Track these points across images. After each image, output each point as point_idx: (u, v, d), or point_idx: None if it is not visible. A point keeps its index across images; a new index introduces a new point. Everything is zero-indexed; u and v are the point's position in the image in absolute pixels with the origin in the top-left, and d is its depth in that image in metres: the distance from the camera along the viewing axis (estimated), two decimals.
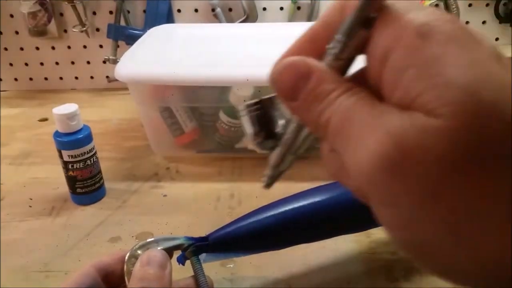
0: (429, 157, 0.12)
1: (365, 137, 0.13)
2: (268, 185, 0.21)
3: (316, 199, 0.32)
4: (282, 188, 0.49)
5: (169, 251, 0.27)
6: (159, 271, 0.24)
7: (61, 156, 0.43)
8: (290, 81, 0.16)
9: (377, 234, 0.40)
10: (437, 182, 0.12)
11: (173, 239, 0.27)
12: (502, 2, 0.68)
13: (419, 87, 0.13)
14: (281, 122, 0.20)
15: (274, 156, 0.20)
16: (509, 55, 0.66)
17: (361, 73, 0.16)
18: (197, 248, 0.28)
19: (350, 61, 0.16)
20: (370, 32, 0.15)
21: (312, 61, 0.15)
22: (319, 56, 0.16)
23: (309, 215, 0.31)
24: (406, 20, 0.14)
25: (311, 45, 0.17)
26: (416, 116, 0.13)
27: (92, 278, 0.25)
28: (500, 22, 0.70)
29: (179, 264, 0.28)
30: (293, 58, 0.16)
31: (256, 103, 0.20)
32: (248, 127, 0.20)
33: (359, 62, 0.16)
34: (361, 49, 0.15)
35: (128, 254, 0.26)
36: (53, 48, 0.74)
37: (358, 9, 0.14)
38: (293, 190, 0.47)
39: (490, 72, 0.13)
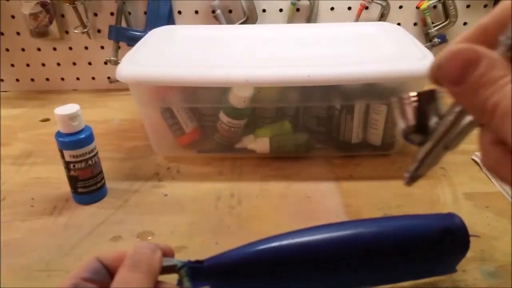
0: None
1: None
2: (410, 181, 0.21)
3: (336, 233, 0.28)
4: (281, 187, 0.50)
5: (162, 272, 0.27)
6: (144, 275, 0.24)
7: (62, 156, 0.44)
8: (459, 66, 0.16)
9: None
10: None
11: (167, 260, 0.27)
12: (500, 3, 0.69)
13: None
14: (434, 118, 0.19)
15: (422, 150, 0.20)
16: None
17: None
18: (190, 269, 0.27)
19: None
20: None
21: (482, 49, 0.16)
22: (490, 47, 0.16)
23: (328, 251, 0.27)
24: None
25: (481, 37, 0.17)
26: None
27: (98, 267, 0.26)
28: None
29: None
30: (462, 45, 0.16)
31: (413, 96, 0.20)
32: (400, 120, 0.20)
33: None
34: None
35: None
36: (54, 49, 0.75)
37: None
38: (291, 189, 0.48)
39: None
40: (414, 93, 0.20)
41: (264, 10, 0.71)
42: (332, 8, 0.70)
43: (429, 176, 0.49)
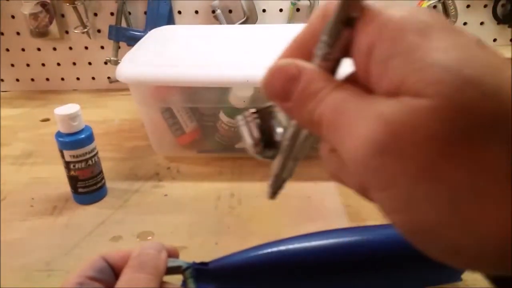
0: (420, 137, 0.13)
1: (356, 125, 0.14)
2: (273, 195, 0.21)
3: (343, 239, 0.29)
4: None
5: (166, 272, 0.27)
6: (150, 276, 0.24)
7: (63, 156, 0.44)
8: (281, 83, 0.16)
9: None
10: (431, 160, 0.13)
11: (172, 261, 0.27)
12: (500, 3, 0.69)
13: (404, 72, 0.13)
14: (279, 130, 0.20)
15: (275, 164, 0.20)
16: (508, 56, 0.66)
17: (350, 77, 0.17)
18: (195, 271, 0.27)
19: (337, 61, 0.16)
20: (353, 32, 0.15)
21: (301, 63, 0.16)
22: (308, 60, 0.17)
23: (333, 257, 0.28)
24: (387, 15, 0.14)
25: (300, 51, 0.17)
26: (404, 99, 0.13)
27: (103, 266, 0.26)
28: (498, 23, 0.70)
29: None
30: (283, 61, 0.17)
31: (254, 113, 0.20)
32: (247, 137, 0.20)
33: (348, 66, 0.17)
34: (347, 50, 0.16)
35: None
36: (54, 49, 0.75)
37: (338, 9, 0.15)
38: (292, 190, 0.47)
39: (473, 54, 0.13)
40: (254, 110, 0.20)
41: (264, 10, 0.71)
42: None
43: None
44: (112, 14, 0.71)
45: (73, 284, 0.24)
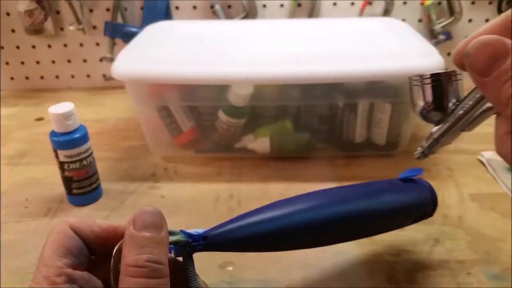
0: None
1: None
2: (423, 156, 0.23)
3: (333, 198, 0.30)
4: (282, 189, 0.49)
5: None
6: (157, 233, 0.22)
7: (57, 156, 0.43)
8: (486, 58, 0.17)
9: (379, 236, 0.39)
10: None
11: (170, 233, 0.25)
12: (505, 0, 0.68)
13: None
14: (453, 100, 0.21)
15: (438, 130, 0.21)
16: None
17: None
18: (193, 249, 0.27)
19: None
20: None
21: (510, 42, 0.16)
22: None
23: (327, 218, 0.29)
24: None
25: (503, 31, 0.18)
26: None
27: (79, 245, 0.22)
28: None
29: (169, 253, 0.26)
30: (491, 37, 0.17)
31: (432, 76, 0.21)
32: (418, 98, 0.21)
33: None
34: None
35: (116, 249, 0.22)
36: (49, 46, 0.74)
37: None
38: (292, 190, 0.46)
39: None
40: (435, 72, 0.21)
41: (264, 6, 0.70)
42: (334, 4, 0.69)
43: (434, 176, 0.48)
44: (108, 10, 0.70)
45: (59, 283, 0.20)
